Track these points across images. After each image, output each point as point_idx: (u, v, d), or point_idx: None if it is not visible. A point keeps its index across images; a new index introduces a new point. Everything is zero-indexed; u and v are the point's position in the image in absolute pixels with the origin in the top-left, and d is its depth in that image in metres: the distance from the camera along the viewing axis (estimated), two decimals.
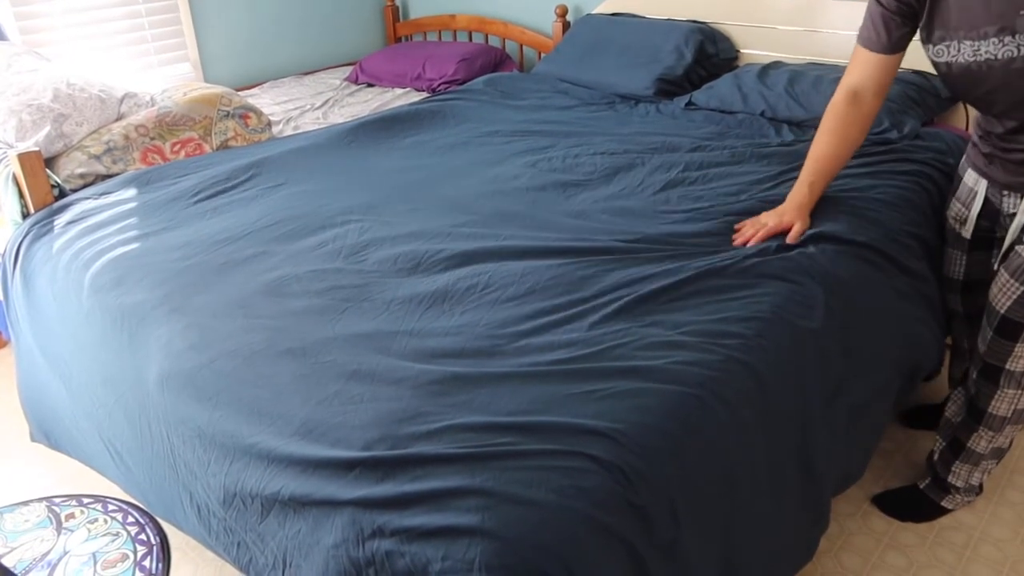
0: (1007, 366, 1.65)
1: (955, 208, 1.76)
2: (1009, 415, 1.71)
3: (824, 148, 1.75)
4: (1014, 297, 1.58)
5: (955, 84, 1.54)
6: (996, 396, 1.69)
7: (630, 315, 1.46)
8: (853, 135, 1.71)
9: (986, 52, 1.42)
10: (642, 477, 1.14)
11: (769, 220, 1.74)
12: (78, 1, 3.04)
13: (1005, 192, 1.60)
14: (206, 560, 1.86)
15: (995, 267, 1.67)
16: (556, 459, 1.13)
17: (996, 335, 1.63)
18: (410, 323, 1.48)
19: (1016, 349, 1.63)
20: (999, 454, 1.81)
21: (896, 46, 1.62)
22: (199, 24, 3.42)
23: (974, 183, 1.68)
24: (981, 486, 1.92)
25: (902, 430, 2.22)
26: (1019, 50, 1.38)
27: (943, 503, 1.90)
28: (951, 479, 1.86)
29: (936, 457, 1.88)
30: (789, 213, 1.74)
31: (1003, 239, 1.63)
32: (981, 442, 1.77)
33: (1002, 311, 1.60)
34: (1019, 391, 1.68)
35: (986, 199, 1.66)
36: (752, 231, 1.72)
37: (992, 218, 1.67)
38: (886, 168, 2.06)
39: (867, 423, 1.65)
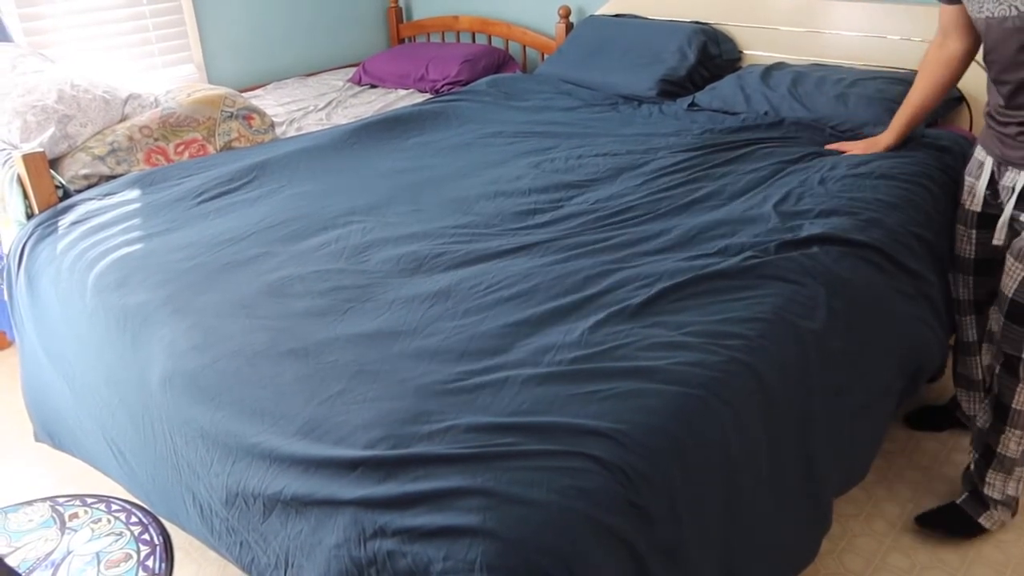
0: None
1: (967, 182, 1.80)
2: None
3: (913, 88, 2.04)
4: (1019, 279, 1.60)
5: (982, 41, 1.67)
6: (1019, 390, 1.68)
7: (633, 315, 1.46)
8: (937, 74, 1.93)
9: (987, 10, 1.54)
10: (644, 478, 1.14)
11: (843, 144, 2.26)
12: (82, 2, 3.05)
13: (1007, 168, 1.66)
14: (209, 560, 1.86)
15: (994, 242, 1.71)
16: (558, 459, 1.13)
17: (1008, 321, 1.65)
18: (412, 323, 1.48)
19: None
20: None
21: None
22: (203, 25, 3.43)
23: (983, 157, 1.74)
24: (1017, 502, 1.84)
25: (905, 431, 2.22)
26: (1011, 9, 1.49)
27: (980, 520, 1.83)
28: (987, 490, 1.81)
29: (972, 467, 1.84)
30: (859, 144, 2.23)
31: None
32: (1011, 444, 1.72)
33: (1010, 295, 1.63)
34: None
35: (993, 173, 1.71)
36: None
37: (996, 192, 1.72)
38: (889, 168, 2.06)
39: (869, 424, 1.65)
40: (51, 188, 2.12)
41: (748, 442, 1.31)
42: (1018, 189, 1.63)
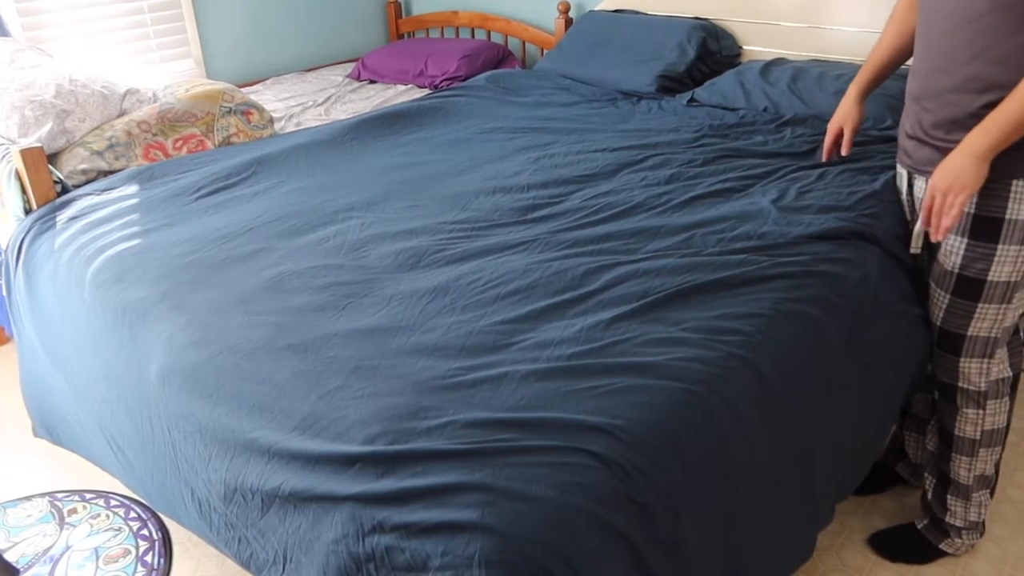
0: (960, 384, 1.61)
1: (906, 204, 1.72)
2: (978, 437, 1.65)
3: (878, 43, 1.76)
4: (944, 307, 1.56)
5: None
6: (958, 418, 1.65)
7: (631, 311, 1.46)
8: (909, 19, 1.69)
9: None
10: (642, 473, 1.14)
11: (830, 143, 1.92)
12: None
13: (916, 176, 1.60)
14: (207, 555, 1.86)
15: (911, 250, 1.64)
16: (556, 455, 1.13)
17: (939, 349, 1.62)
18: (411, 319, 1.48)
19: (962, 365, 1.58)
20: (986, 483, 1.71)
21: None
22: (202, 20, 3.42)
23: (900, 170, 1.70)
24: (983, 524, 1.78)
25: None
26: None
27: (942, 546, 1.79)
28: (948, 518, 1.75)
29: (930, 496, 1.80)
30: (838, 123, 1.89)
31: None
32: (961, 471, 1.69)
33: (938, 323, 1.59)
34: (980, 411, 1.62)
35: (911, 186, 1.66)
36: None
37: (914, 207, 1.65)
38: (890, 164, 2.06)
39: (870, 421, 1.65)
40: (49, 183, 2.11)
41: (747, 438, 1.31)
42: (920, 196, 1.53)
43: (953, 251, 1.49)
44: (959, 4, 1.40)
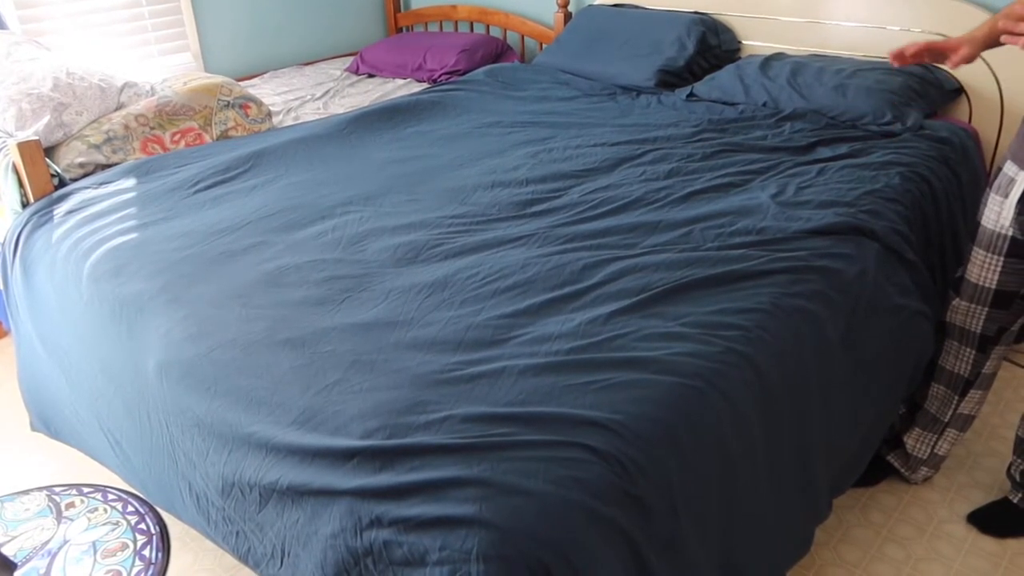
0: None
1: (992, 199, 1.59)
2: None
3: None
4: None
5: None
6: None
7: (630, 306, 1.46)
8: None
9: None
10: (640, 468, 1.14)
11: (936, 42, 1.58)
12: None
13: None
14: (205, 550, 1.87)
15: None
16: (554, 450, 1.13)
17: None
18: (409, 313, 1.48)
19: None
20: None
21: None
22: (200, 14, 3.41)
23: (1015, 172, 1.54)
24: None
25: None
26: None
27: None
28: None
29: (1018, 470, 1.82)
30: (959, 39, 1.56)
31: None
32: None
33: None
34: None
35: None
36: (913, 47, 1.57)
37: None
38: (889, 160, 2.06)
39: (867, 417, 1.65)
40: (47, 177, 2.11)
41: (744, 433, 1.31)
42: None
43: None
44: None
